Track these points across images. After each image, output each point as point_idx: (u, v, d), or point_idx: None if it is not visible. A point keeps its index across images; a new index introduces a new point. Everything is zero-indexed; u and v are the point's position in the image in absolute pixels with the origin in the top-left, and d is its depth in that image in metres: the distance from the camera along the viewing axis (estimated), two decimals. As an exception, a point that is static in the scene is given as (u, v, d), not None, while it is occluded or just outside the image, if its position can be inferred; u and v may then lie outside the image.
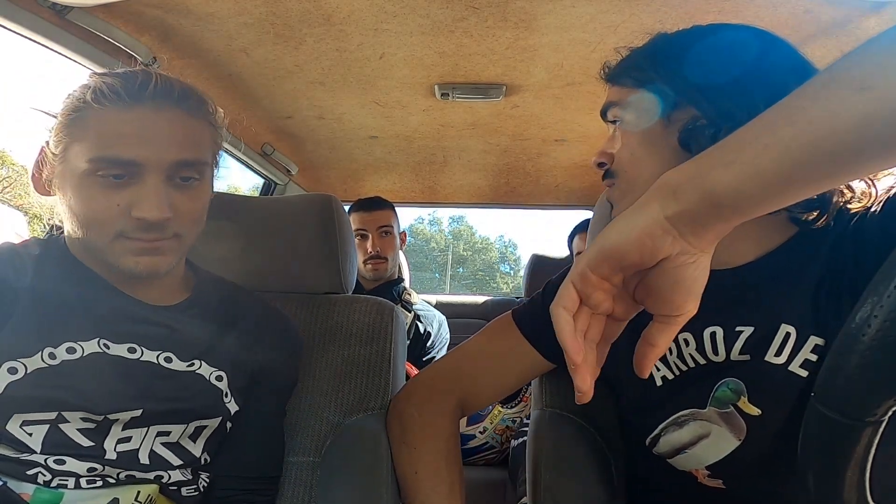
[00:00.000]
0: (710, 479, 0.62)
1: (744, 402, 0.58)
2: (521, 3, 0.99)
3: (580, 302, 0.41)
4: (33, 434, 0.58)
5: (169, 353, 0.67)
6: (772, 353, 0.57)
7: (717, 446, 0.60)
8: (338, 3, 1.00)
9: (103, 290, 0.66)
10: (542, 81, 1.33)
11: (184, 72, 1.24)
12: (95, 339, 0.63)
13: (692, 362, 0.63)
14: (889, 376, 0.31)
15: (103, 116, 0.60)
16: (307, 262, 0.92)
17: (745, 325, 0.59)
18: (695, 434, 0.61)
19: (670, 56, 0.60)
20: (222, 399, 0.70)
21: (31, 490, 0.58)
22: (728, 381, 0.60)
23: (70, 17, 0.94)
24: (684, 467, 0.63)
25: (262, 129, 1.67)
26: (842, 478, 0.36)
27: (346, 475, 0.78)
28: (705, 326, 0.61)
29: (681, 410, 0.63)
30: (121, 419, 0.62)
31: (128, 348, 0.65)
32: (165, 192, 0.61)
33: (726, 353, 0.60)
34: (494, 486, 1.66)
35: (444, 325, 1.86)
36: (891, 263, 0.31)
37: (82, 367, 0.61)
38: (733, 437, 0.59)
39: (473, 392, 0.78)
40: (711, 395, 0.60)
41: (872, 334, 0.30)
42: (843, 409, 0.34)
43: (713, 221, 0.38)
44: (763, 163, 0.36)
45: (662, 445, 0.64)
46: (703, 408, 0.61)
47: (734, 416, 0.59)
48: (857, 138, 0.33)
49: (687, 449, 0.62)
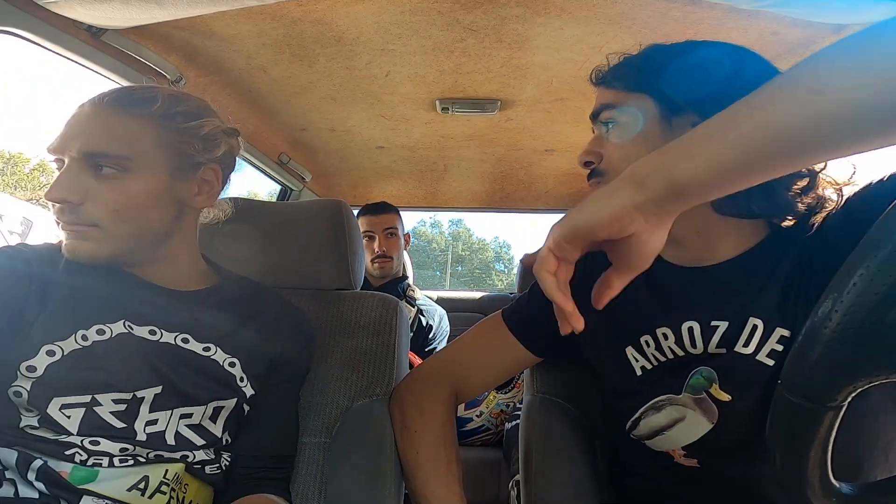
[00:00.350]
0: (685, 458, 0.62)
1: (715, 389, 0.58)
2: (514, 25, 0.99)
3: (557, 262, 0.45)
4: (71, 417, 0.59)
5: (186, 334, 0.67)
6: (741, 344, 0.57)
7: (691, 429, 0.60)
8: (348, 25, 1.00)
9: (126, 278, 0.67)
10: (534, 97, 1.33)
11: (208, 88, 1.24)
12: (121, 320, 0.64)
13: (671, 354, 0.62)
14: (848, 365, 0.31)
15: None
16: (319, 260, 0.92)
17: (720, 320, 0.59)
18: (671, 418, 0.61)
19: (669, 61, 0.59)
20: (236, 382, 0.70)
21: (69, 468, 0.58)
22: (701, 370, 0.59)
23: (104, 38, 0.94)
24: (661, 448, 0.63)
25: (278, 140, 1.67)
26: (806, 457, 0.36)
27: (354, 455, 0.78)
28: (683, 321, 0.61)
29: (658, 396, 0.63)
30: (146, 398, 0.62)
31: (149, 330, 0.65)
32: (79, 179, 0.60)
33: (704, 346, 0.60)
34: (490, 465, 1.66)
35: (444, 319, 1.86)
36: (850, 262, 0.31)
37: (111, 347, 0.62)
38: (706, 420, 0.59)
39: (467, 382, 0.78)
40: (686, 382, 0.60)
41: (833, 327, 0.30)
42: (808, 396, 0.34)
43: (674, 207, 0.41)
44: (725, 156, 0.37)
45: (642, 428, 0.64)
46: (678, 394, 0.61)
47: (707, 401, 0.59)
48: (810, 135, 0.35)
49: (664, 431, 0.62)
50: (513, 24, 0.98)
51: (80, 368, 0.60)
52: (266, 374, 0.74)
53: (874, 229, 0.31)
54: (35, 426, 0.58)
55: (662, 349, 0.63)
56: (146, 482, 0.61)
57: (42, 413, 0.58)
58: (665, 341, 0.63)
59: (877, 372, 0.31)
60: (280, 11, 0.95)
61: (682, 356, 0.61)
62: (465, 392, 0.78)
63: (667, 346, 0.63)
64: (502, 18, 0.97)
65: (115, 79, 1.02)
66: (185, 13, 0.83)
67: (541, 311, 0.75)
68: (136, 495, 0.60)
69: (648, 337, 0.64)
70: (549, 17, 0.96)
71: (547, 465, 0.75)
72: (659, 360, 0.64)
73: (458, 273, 29.25)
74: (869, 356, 0.31)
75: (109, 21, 0.88)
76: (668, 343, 0.62)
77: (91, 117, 0.63)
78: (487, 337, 0.78)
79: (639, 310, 0.65)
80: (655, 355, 0.64)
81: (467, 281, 28.78)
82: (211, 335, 0.69)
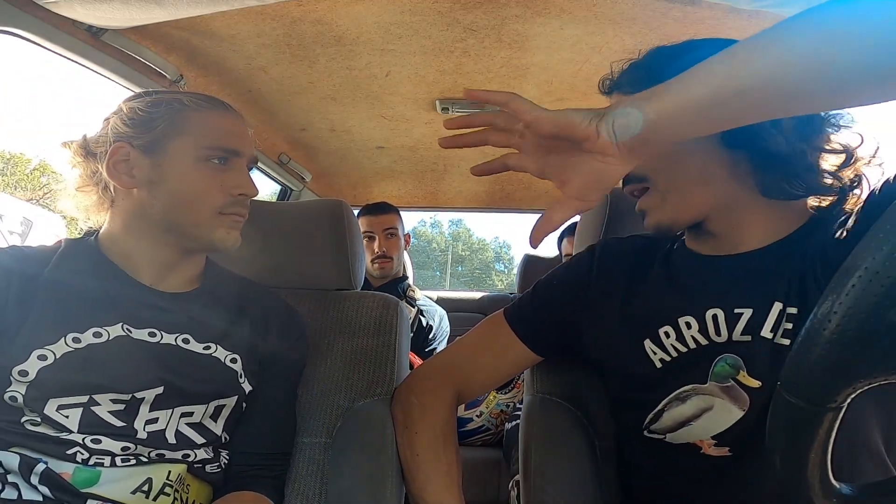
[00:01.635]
0: (716, 448, 0.60)
1: (743, 376, 0.57)
2: (514, 25, 0.99)
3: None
4: (69, 416, 0.59)
5: (186, 335, 0.68)
6: (766, 329, 0.57)
7: (721, 417, 0.59)
8: (348, 25, 1.00)
9: (124, 282, 0.67)
10: (534, 97, 1.31)
11: (208, 88, 1.24)
12: (119, 323, 0.64)
13: (693, 343, 0.61)
14: (848, 367, 0.31)
15: (206, 116, 0.68)
16: (320, 261, 0.92)
17: (745, 307, 0.58)
18: (698, 408, 0.60)
19: (677, 60, 0.56)
20: (237, 379, 0.70)
21: (72, 469, 0.58)
22: (726, 357, 0.59)
23: (104, 38, 0.94)
24: (686, 440, 0.62)
25: (278, 141, 1.67)
26: (806, 458, 0.36)
27: (354, 455, 0.78)
28: (706, 309, 0.60)
29: (682, 387, 0.62)
30: (146, 398, 0.62)
31: (148, 332, 0.65)
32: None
33: (728, 333, 0.59)
34: (490, 465, 1.66)
35: (444, 320, 1.86)
36: (850, 262, 0.31)
37: (109, 349, 0.62)
38: (737, 408, 0.58)
39: (468, 383, 0.78)
40: (711, 370, 0.59)
41: (833, 328, 0.30)
42: (807, 397, 0.34)
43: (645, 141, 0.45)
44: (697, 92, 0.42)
45: (665, 420, 0.63)
46: (703, 383, 0.60)
47: (735, 388, 0.58)
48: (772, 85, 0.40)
49: (691, 422, 0.61)
50: (513, 24, 0.98)
51: (74, 371, 0.59)
52: (260, 369, 0.74)
53: (874, 229, 0.31)
54: (36, 422, 0.58)
55: (685, 339, 0.62)
56: (150, 484, 0.61)
57: (40, 413, 0.58)
58: (688, 330, 0.62)
59: (876, 373, 0.31)
60: (280, 11, 0.95)
61: (706, 345, 0.61)
62: (467, 392, 0.78)
63: (689, 336, 0.62)
64: (502, 18, 0.97)
65: (115, 79, 1.02)
66: (185, 13, 0.83)
67: (543, 309, 0.75)
68: (140, 498, 0.60)
69: (669, 328, 0.63)
70: (549, 17, 0.96)
71: (547, 465, 0.75)
72: (680, 350, 0.63)
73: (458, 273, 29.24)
74: (869, 357, 0.31)
75: (109, 21, 0.88)
76: (690, 332, 0.61)
77: (246, 126, 0.74)
78: (489, 336, 0.78)
79: (658, 302, 0.65)
80: (676, 346, 0.63)
81: (467, 281, 28.76)
82: (210, 334, 0.69)
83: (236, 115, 0.72)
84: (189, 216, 0.66)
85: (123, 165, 0.66)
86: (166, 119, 0.66)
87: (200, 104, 0.69)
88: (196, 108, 0.68)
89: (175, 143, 0.66)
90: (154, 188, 0.66)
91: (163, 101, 0.67)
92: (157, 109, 0.66)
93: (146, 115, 0.66)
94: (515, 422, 1.57)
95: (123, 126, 0.66)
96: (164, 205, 0.66)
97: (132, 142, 0.66)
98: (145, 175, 0.66)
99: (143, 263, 0.68)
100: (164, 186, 0.66)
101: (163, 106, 0.67)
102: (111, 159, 0.66)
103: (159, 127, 0.66)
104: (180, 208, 0.66)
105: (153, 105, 0.67)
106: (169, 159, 0.66)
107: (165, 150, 0.66)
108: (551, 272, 0.78)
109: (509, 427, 1.61)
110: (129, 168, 0.66)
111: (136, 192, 0.66)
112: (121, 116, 0.67)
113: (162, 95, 0.68)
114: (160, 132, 0.66)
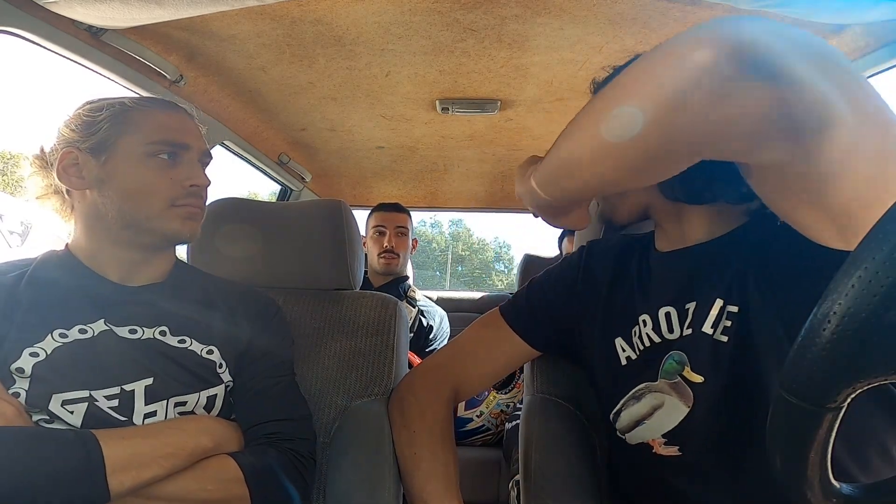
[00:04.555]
0: (665, 447, 0.61)
1: (688, 371, 0.58)
2: (514, 25, 0.99)
3: None
4: (74, 412, 0.60)
5: (164, 327, 0.69)
6: (708, 324, 0.58)
7: (670, 415, 0.60)
8: (348, 25, 1.00)
9: (97, 282, 0.69)
10: (534, 97, 1.33)
11: (208, 88, 1.24)
12: (101, 319, 0.66)
13: (648, 341, 0.63)
14: (847, 367, 0.31)
15: (151, 114, 0.69)
16: (319, 260, 0.92)
17: (691, 302, 0.60)
18: (650, 405, 0.61)
19: None
20: (216, 370, 0.70)
21: None
22: (673, 354, 0.60)
23: (104, 38, 0.94)
24: (641, 439, 0.63)
25: (278, 141, 1.67)
26: (806, 459, 0.36)
27: (353, 454, 0.78)
28: (660, 306, 0.62)
29: (637, 385, 0.63)
30: (136, 391, 0.63)
31: (129, 329, 0.67)
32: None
33: (680, 330, 0.60)
34: (490, 465, 1.66)
35: (444, 320, 1.86)
36: (849, 262, 0.31)
37: (96, 345, 0.64)
38: (683, 404, 0.59)
39: (466, 380, 0.78)
40: (660, 367, 0.61)
41: (832, 328, 0.30)
42: (807, 397, 0.34)
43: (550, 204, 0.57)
44: (553, 163, 0.51)
45: (623, 419, 0.64)
46: (654, 381, 0.61)
47: (682, 385, 0.59)
48: (598, 159, 0.45)
49: (644, 420, 0.62)
50: (513, 24, 0.98)
51: (67, 365, 0.61)
52: (241, 359, 0.73)
53: (873, 229, 0.31)
54: (47, 420, 0.60)
55: (642, 336, 0.63)
56: None
57: (46, 410, 0.59)
58: (645, 328, 0.63)
59: (876, 373, 0.31)
60: (280, 11, 0.95)
61: (659, 343, 0.62)
62: (465, 389, 0.79)
63: (645, 334, 0.63)
64: (502, 18, 0.97)
65: (115, 79, 1.02)
66: (185, 13, 0.83)
67: (538, 303, 0.76)
68: None
69: (636, 326, 0.65)
70: (549, 17, 0.96)
71: (547, 464, 0.75)
72: (639, 348, 0.64)
73: (458, 273, 29.24)
74: (868, 357, 0.31)
75: (109, 21, 0.88)
76: (646, 330, 0.63)
77: (193, 122, 0.75)
78: (485, 333, 0.79)
79: (630, 300, 0.67)
80: (638, 343, 0.64)
81: (467, 281, 28.76)
82: (183, 328, 0.70)
83: (183, 112, 0.73)
84: (142, 210, 0.67)
85: (73, 169, 0.68)
86: (110, 120, 0.68)
87: (144, 104, 0.70)
88: (140, 108, 0.69)
89: (121, 142, 0.67)
90: (104, 187, 0.67)
91: (105, 105, 0.69)
92: (100, 113, 0.68)
93: (91, 118, 0.68)
94: (515, 422, 1.57)
95: (70, 132, 0.68)
96: (116, 202, 0.67)
97: (79, 146, 0.68)
98: (94, 175, 0.67)
99: (108, 263, 0.70)
100: (114, 184, 0.67)
101: (105, 109, 0.68)
102: (60, 164, 0.68)
103: (104, 128, 0.67)
104: (132, 203, 0.67)
105: (96, 109, 0.69)
106: (116, 158, 0.67)
107: (112, 149, 0.67)
108: (546, 270, 0.80)
109: (509, 427, 1.61)
110: (79, 171, 0.68)
111: (88, 193, 0.68)
112: (67, 124, 0.69)
113: (105, 100, 0.70)
114: (105, 133, 0.67)
